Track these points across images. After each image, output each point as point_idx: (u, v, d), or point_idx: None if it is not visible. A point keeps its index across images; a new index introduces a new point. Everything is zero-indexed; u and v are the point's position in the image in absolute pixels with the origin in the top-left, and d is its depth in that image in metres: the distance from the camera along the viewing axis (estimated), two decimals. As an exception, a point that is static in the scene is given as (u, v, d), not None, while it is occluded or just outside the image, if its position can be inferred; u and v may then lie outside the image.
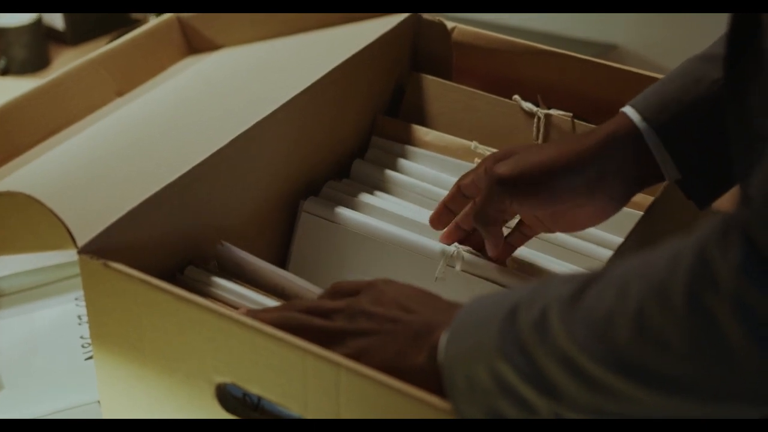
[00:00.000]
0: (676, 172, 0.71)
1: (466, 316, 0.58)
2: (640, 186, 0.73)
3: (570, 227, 0.76)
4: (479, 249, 0.79)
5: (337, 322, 0.62)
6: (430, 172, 0.89)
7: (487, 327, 0.55)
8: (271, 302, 0.71)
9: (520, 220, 0.78)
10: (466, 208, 0.79)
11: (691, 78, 0.71)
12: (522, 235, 0.79)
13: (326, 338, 0.60)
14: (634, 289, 0.49)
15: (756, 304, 0.44)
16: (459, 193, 0.78)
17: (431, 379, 0.58)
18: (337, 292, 0.66)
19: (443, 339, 0.58)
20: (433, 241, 0.80)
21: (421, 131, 0.92)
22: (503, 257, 0.79)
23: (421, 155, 0.91)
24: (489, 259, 0.78)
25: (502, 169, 0.72)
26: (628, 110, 0.71)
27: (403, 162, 0.91)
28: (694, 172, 0.71)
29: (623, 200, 0.73)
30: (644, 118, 0.70)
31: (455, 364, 0.56)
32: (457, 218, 0.80)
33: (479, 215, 0.74)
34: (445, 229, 0.80)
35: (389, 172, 0.90)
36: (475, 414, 0.55)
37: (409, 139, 0.92)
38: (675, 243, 0.49)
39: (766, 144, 0.52)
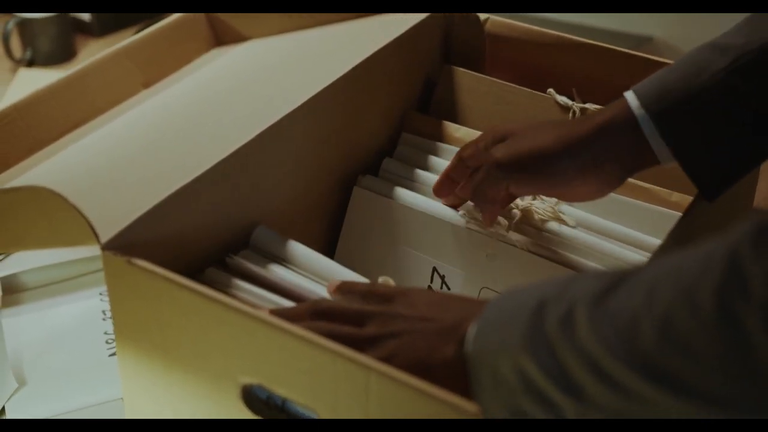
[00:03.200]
0: (672, 161, 0.70)
1: (495, 309, 0.56)
2: (637, 169, 0.73)
3: (562, 198, 0.80)
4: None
5: (369, 329, 0.61)
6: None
7: (514, 322, 0.54)
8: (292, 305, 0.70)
9: None
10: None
11: (696, 67, 0.69)
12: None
13: (356, 345, 0.58)
14: (663, 290, 0.47)
15: None
16: (461, 164, 0.80)
17: (460, 373, 0.56)
18: (370, 295, 0.64)
19: (471, 331, 0.57)
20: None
21: (452, 127, 0.90)
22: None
23: (451, 153, 0.88)
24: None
25: (500, 153, 0.74)
26: (629, 95, 0.71)
27: (432, 159, 0.89)
28: (696, 161, 0.70)
29: (617, 183, 0.74)
30: (643, 104, 0.70)
31: (481, 359, 0.55)
32: (456, 189, 0.83)
33: (477, 194, 0.77)
34: (446, 198, 0.84)
35: (418, 171, 0.87)
36: (500, 412, 0.54)
37: (439, 136, 0.90)
38: (708, 244, 0.48)
39: None
